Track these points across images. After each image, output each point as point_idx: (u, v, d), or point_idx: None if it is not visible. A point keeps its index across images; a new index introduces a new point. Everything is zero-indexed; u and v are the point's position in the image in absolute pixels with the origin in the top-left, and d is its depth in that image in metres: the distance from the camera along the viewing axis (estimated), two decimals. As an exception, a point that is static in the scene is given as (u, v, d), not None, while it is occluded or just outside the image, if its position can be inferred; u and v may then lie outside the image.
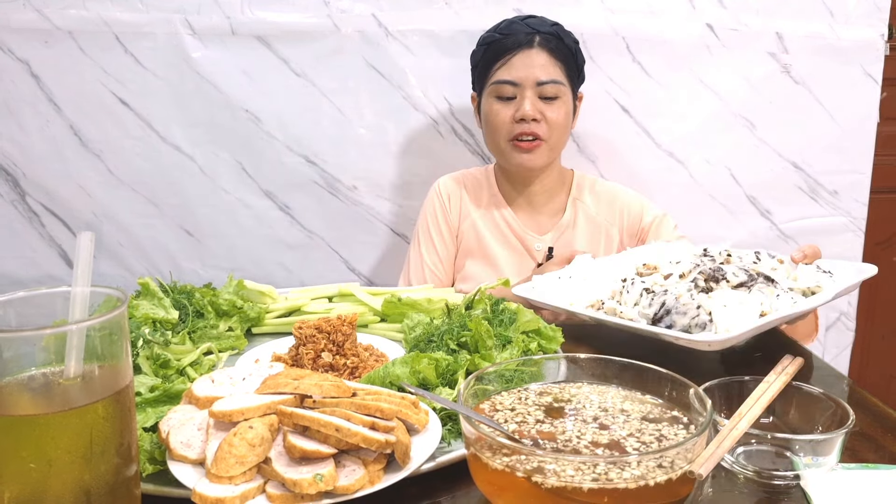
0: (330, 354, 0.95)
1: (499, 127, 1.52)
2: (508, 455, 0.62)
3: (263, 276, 1.92)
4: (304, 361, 0.95)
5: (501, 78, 1.50)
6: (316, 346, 0.95)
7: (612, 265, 1.25)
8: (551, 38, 1.50)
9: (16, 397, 0.57)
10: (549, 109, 1.50)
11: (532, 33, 1.49)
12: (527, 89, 1.48)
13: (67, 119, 1.80)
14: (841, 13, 1.84)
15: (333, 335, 0.96)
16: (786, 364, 0.86)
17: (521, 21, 1.53)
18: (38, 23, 1.73)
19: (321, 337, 0.96)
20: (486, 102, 1.54)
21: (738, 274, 1.06)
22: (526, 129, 1.49)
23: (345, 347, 0.96)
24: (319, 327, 0.96)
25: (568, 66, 1.53)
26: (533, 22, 1.52)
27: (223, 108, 1.81)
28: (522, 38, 1.49)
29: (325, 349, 0.95)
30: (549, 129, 1.50)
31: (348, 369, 0.95)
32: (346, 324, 0.97)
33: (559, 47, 1.51)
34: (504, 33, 1.51)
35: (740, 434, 0.71)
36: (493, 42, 1.52)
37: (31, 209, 1.85)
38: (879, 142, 1.93)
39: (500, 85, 1.50)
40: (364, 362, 0.97)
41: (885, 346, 2.35)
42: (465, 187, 1.67)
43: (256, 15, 1.77)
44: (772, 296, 1.04)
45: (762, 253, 1.17)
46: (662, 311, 1.03)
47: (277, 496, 0.63)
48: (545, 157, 1.54)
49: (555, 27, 1.53)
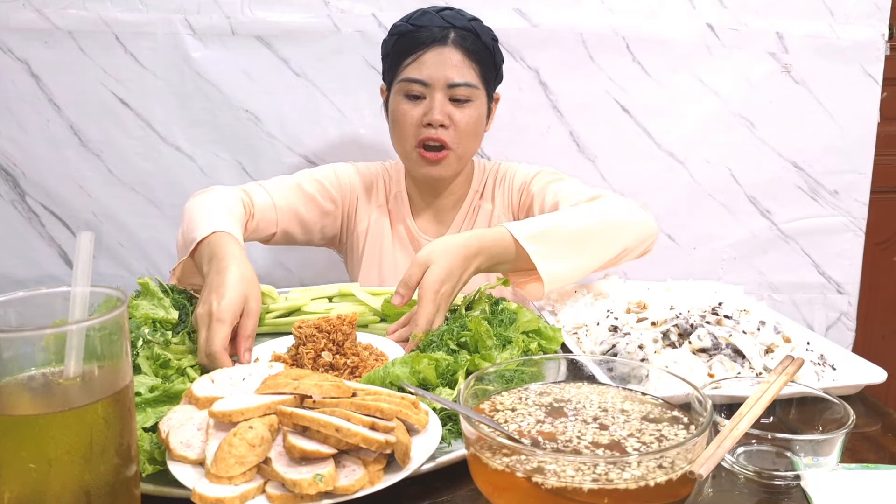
0: (330, 354, 0.95)
1: (405, 129, 1.40)
2: (508, 455, 0.61)
3: (263, 276, 1.92)
4: (304, 361, 0.94)
5: (411, 76, 1.38)
6: (316, 346, 0.95)
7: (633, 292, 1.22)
8: (467, 35, 1.38)
9: (15, 397, 0.56)
10: (459, 113, 1.38)
11: (447, 28, 1.37)
12: (437, 90, 1.37)
13: (67, 119, 1.80)
14: (841, 13, 1.84)
15: (333, 334, 0.95)
16: (786, 364, 0.85)
17: (437, 13, 1.40)
18: (38, 23, 1.73)
19: (321, 336, 0.95)
20: (394, 100, 1.42)
21: (703, 338, 1.00)
22: (433, 134, 1.38)
23: (345, 347, 0.96)
24: (319, 327, 0.95)
25: (484, 67, 1.41)
26: (448, 15, 1.39)
27: (223, 108, 1.81)
28: (436, 32, 1.36)
29: (325, 349, 0.95)
30: (457, 135, 1.39)
31: (348, 369, 0.94)
32: (346, 323, 0.96)
33: (475, 45, 1.39)
34: (416, 25, 1.39)
35: (741, 434, 0.71)
36: (404, 34, 1.40)
37: (31, 209, 1.85)
38: (880, 142, 1.93)
39: (409, 83, 1.38)
40: (364, 361, 0.96)
41: (886, 347, 2.35)
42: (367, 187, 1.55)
43: (256, 15, 1.77)
44: (732, 371, 0.96)
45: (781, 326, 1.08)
46: (611, 353, 1.01)
47: (277, 496, 0.63)
48: (452, 168, 1.43)
49: (472, 22, 1.40)
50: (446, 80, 1.36)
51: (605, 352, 1.02)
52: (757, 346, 1.00)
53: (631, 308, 1.12)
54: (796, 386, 0.83)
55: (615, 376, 0.80)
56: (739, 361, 0.98)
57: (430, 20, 1.38)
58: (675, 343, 1.01)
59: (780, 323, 1.10)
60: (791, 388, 0.83)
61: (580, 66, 1.84)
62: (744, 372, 0.96)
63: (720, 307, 1.08)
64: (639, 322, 1.06)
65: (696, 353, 0.99)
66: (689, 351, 1.00)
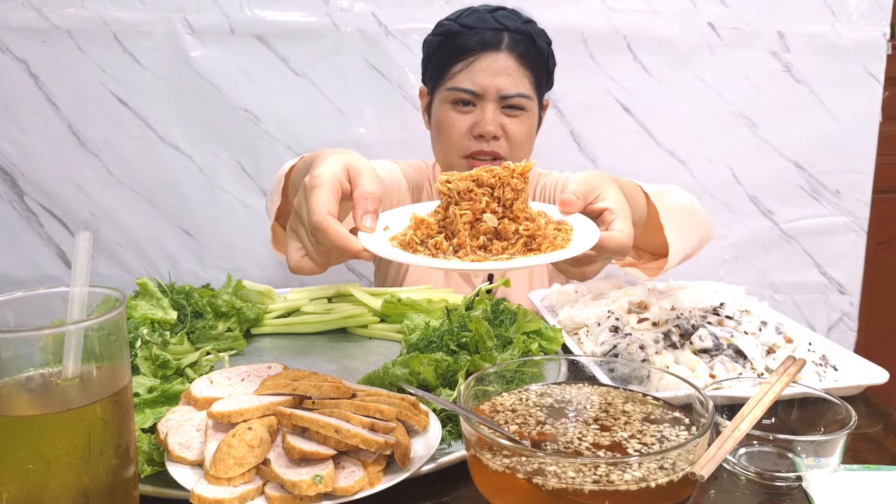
0: (494, 218, 0.72)
1: (453, 139, 1.31)
2: (509, 456, 0.61)
3: (263, 277, 1.93)
4: (457, 226, 0.71)
5: (460, 85, 1.28)
6: (474, 206, 0.72)
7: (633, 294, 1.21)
8: (522, 40, 1.28)
9: (14, 398, 0.56)
10: (511, 124, 1.30)
11: (500, 31, 1.26)
12: (488, 101, 1.28)
13: (66, 118, 1.80)
14: (843, 12, 1.84)
15: (498, 190, 0.72)
16: (788, 365, 0.85)
17: (489, 13, 1.28)
18: (37, 22, 1.73)
19: (481, 192, 0.72)
20: (440, 108, 1.33)
21: (704, 339, 0.99)
22: (484, 147, 1.29)
23: (514, 208, 0.73)
24: (479, 180, 0.72)
25: (537, 74, 1.32)
26: (502, 16, 1.28)
27: (222, 107, 1.81)
28: (489, 36, 1.26)
29: (488, 209, 0.72)
30: (509, 147, 1.30)
31: (522, 238, 0.71)
32: (516, 175, 0.73)
33: (530, 51, 1.29)
34: (466, 26, 1.27)
35: (742, 435, 0.71)
36: (452, 35, 1.29)
37: (30, 209, 1.85)
38: (882, 141, 1.93)
39: (459, 92, 1.29)
40: (542, 230, 0.73)
41: (888, 347, 2.34)
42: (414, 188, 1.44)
43: (256, 14, 1.77)
44: (733, 372, 0.95)
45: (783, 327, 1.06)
46: (612, 353, 1.01)
47: (276, 498, 0.63)
48: None
49: (528, 25, 1.30)
50: (499, 90, 1.27)
51: (606, 352, 1.02)
52: (758, 346, 1.00)
53: (632, 308, 1.12)
54: (798, 387, 0.83)
55: (616, 377, 0.80)
56: (741, 362, 0.97)
57: (481, 21, 1.27)
58: (677, 344, 1.01)
59: (782, 323, 1.10)
60: (793, 388, 0.82)
61: (581, 65, 1.84)
62: (745, 372, 0.96)
63: (721, 308, 1.08)
64: (640, 322, 1.06)
65: (698, 354, 0.99)
66: (691, 351, 0.99)
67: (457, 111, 1.30)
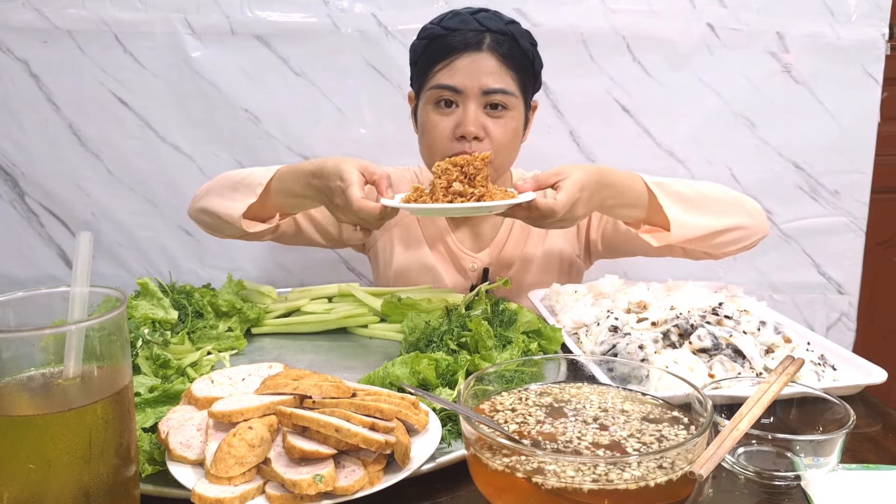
0: (461, 184, 1.05)
1: (435, 142, 1.30)
2: (508, 456, 0.61)
3: (263, 277, 1.93)
4: (436, 192, 1.05)
5: (441, 82, 1.27)
6: (449, 177, 1.05)
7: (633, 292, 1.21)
8: (504, 40, 1.27)
9: (15, 398, 0.56)
10: (494, 125, 1.28)
11: (481, 32, 1.26)
12: (470, 99, 1.26)
13: (66, 119, 1.80)
14: (842, 13, 1.84)
15: (466, 168, 1.05)
16: (786, 364, 0.85)
17: (470, 15, 1.28)
18: (37, 22, 1.73)
19: (454, 170, 1.05)
20: (424, 109, 1.32)
21: (703, 338, 1.00)
22: (466, 148, 1.26)
23: (475, 180, 1.05)
24: (455, 162, 1.06)
25: (521, 74, 1.30)
26: (483, 18, 1.28)
27: (222, 107, 1.81)
28: (470, 36, 1.26)
29: (457, 180, 1.05)
30: (493, 149, 1.27)
31: (475, 196, 1.03)
32: (479, 160, 1.06)
33: (513, 51, 1.27)
34: (448, 28, 1.28)
35: (741, 435, 0.71)
36: (435, 38, 1.29)
37: (30, 209, 1.85)
38: (880, 141, 1.93)
39: (440, 90, 1.27)
40: (490, 193, 1.05)
41: (886, 347, 2.34)
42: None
43: (256, 14, 1.77)
44: (732, 371, 0.95)
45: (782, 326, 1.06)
46: (611, 353, 1.01)
47: (277, 497, 0.63)
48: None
49: (510, 26, 1.29)
50: (480, 86, 1.26)
51: (606, 352, 1.02)
52: (757, 346, 1.00)
53: (631, 308, 1.12)
54: (797, 386, 0.83)
55: (615, 377, 0.80)
56: (740, 362, 0.97)
57: (463, 23, 1.27)
58: (676, 343, 1.01)
59: (781, 323, 1.10)
60: (791, 388, 0.83)
61: (580, 65, 1.84)
62: (744, 372, 0.96)
63: (720, 307, 1.08)
64: (639, 322, 1.06)
65: (697, 354, 0.99)
66: (690, 351, 0.99)
67: (439, 112, 1.29)
